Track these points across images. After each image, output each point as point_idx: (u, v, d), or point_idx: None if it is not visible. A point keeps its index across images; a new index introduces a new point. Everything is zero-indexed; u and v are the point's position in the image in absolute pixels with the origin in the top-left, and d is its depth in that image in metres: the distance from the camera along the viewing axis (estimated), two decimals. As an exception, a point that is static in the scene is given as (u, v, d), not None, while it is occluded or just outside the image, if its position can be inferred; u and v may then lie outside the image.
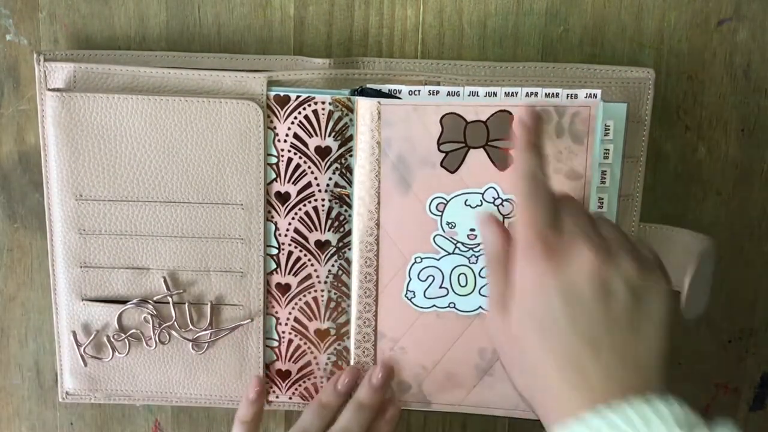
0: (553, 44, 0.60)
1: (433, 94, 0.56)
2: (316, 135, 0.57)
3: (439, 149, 0.56)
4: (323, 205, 0.59)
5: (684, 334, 0.63)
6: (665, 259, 0.51)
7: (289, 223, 0.59)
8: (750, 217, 0.62)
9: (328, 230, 0.59)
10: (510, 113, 0.55)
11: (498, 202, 0.56)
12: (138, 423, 0.66)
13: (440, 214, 0.57)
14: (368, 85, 0.57)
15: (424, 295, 0.58)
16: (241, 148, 0.57)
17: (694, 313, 0.54)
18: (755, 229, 0.62)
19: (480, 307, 0.58)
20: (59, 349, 0.61)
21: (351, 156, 0.58)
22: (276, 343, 0.61)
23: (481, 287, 0.58)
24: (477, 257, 0.57)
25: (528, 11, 0.59)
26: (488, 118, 0.55)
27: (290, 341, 0.61)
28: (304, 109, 0.57)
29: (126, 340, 0.60)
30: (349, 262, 0.59)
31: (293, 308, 0.60)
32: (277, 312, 0.61)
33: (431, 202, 0.57)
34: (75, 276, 0.59)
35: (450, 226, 0.57)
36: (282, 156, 0.58)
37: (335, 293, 0.60)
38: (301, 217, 0.59)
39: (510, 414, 0.60)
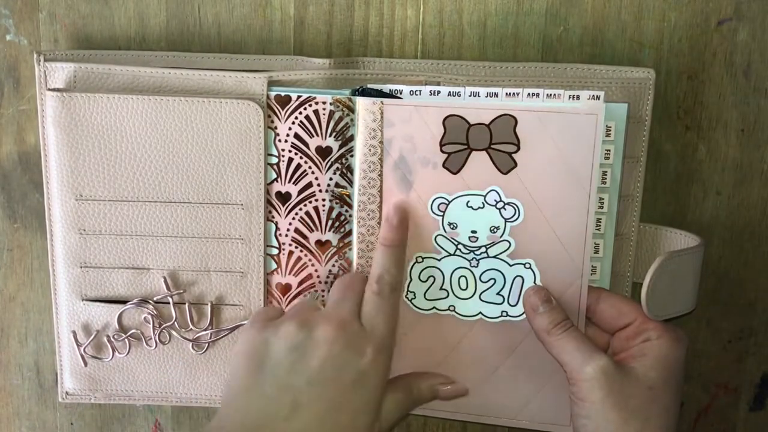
0: (553, 44, 0.60)
1: (434, 95, 0.56)
2: (317, 135, 0.57)
3: (441, 150, 0.56)
4: (324, 205, 0.59)
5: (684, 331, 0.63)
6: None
7: (290, 223, 0.59)
8: (750, 217, 0.62)
9: (329, 230, 0.59)
10: (513, 117, 0.55)
11: (500, 205, 0.56)
12: (138, 423, 0.66)
13: (442, 214, 0.57)
14: (369, 85, 0.57)
15: (425, 297, 0.58)
16: (242, 148, 0.57)
17: (659, 314, 0.54)
18: (755, 229, 0.62)
19: (480, 312, 0.58)
20: (59, 349, 0.61)
21: (352, 156, 0.58)
22: (276, 343, 0.61)
23: (482, 292, 0.58)
24: (478, 261, 0.57)
25: (528, 11, 0.60)
26: (491, 122, 0.55)
27: (290, 341, 0.61)
28: (305, 109, 0.57)
29: (126, 340, 0.60)
30: (349, 262, 0.59)
31: (293, 308, 0.60)
32: (277, 312, 0.61)
33: (433, 202, 0.57)
34: (75, 276, 0.59)
35: (452, 226, 0.57)
36: (283, 156, 0.58)
37: (335, 293, 0.60)
38: (301, 217, 0.59)
39: (510, 423, 0.60)
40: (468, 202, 0.56)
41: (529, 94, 0.56)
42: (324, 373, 0.50)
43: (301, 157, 0.58)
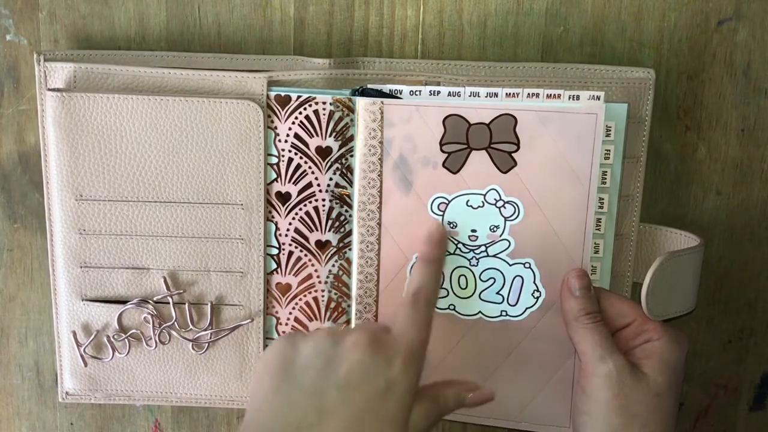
0: (553, 44, 0.60)
1: (434, 95, 0.56)
2: (317, 135, 0.57)
3: (441, 150, 0.56)
4: (324, 205, 0.59)
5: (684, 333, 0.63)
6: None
7: (290, 223, 0.59)
8: (750, 217, 0.62)
9: (329, 230, 0.59)
10: (513, 117, 0.55)
11: (500, 203, 0.56)
12: (138, 423, 0.66)
13: (442, 214, 0.57)
14: (369, 86, 0.57)
15: (425, 295, 0.58)
16: (241, 148, 0.57)
17: (659, 314, 0.54)
18: (755, 229, 0.62)
19: (480, 312, 0.58)
20: (59, 349, 0.61)
21: (352, 156, 0.58)
22: (276, 343, 0.61)
23: (481, 291, 0.58)
24: (477, 259, 0.57)
25: (528, 11, 0.60)
26: (491, 121, 0.55)
27: (290, 341, 0.61)
28: (305, 109, 0.57)
29: (126, 340, 0.60)
30: (349, 262, 0.59)
31: (293, 308, 0.60)
32: (277, 312, 0.61)
33: (433, 201, 0.57)
34: (75, 276, 0.59)
35: (451, 226, 0.57)
36: (282, 156, 0.58)
37: (335, 293, 0.60)
38: (301, 217, 0.59)
39: (509, 425, 0.60)
40: (468, 201, 0.57)
41: (529, 94, 0.56)
42: (352, 380, 0.48)
43: (301, 157, 0.58)
